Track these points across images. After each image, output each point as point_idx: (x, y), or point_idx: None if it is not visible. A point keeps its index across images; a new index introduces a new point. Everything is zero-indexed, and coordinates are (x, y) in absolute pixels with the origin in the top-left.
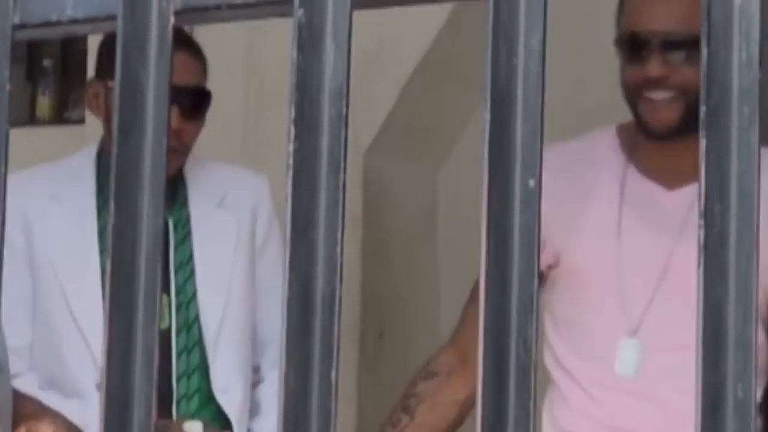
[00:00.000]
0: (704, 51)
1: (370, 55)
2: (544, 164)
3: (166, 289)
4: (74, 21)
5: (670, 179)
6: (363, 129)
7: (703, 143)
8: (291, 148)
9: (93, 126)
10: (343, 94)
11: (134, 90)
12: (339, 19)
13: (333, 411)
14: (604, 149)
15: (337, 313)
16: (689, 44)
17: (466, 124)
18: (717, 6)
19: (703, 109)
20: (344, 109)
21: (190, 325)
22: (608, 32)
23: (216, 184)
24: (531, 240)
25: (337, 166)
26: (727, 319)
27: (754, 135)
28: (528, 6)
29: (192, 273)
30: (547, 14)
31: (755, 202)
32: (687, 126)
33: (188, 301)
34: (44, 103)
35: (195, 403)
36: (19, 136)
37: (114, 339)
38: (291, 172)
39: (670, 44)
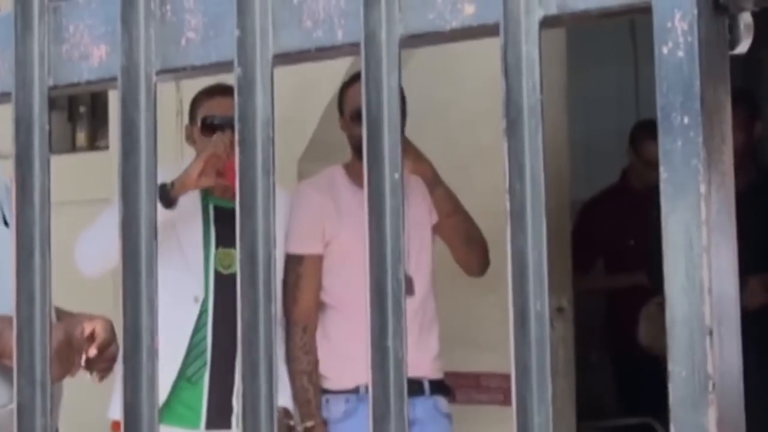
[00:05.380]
0: (504, 81)
1: (297, 90)
2: (310, 190)
3: (233, 245)
4: (90, 82)
5: None
6: (296, 143)
7: (505, 145)
8: (237, 160)
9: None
10: (270, 122)
11: (131, 126)
12: (264, 73)
13: (274, 340)
14: (339, 177)
15: (273, 270)
16: None
17: None
18: (510, 52)
19: (504, 121)
20: (271, 133)
21: None
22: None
23: None
24: (397, 215)
25: (268, 170)
26: (527, 260)
27: (540, 139)
28: (388, 58)
29: None
30: (401, 63)
31: (542, 184)
32: None
33: None
34: (81, 137)
35: None
36: (64, 161)
37: (127, 292)
38: (238, 176)
39: None
